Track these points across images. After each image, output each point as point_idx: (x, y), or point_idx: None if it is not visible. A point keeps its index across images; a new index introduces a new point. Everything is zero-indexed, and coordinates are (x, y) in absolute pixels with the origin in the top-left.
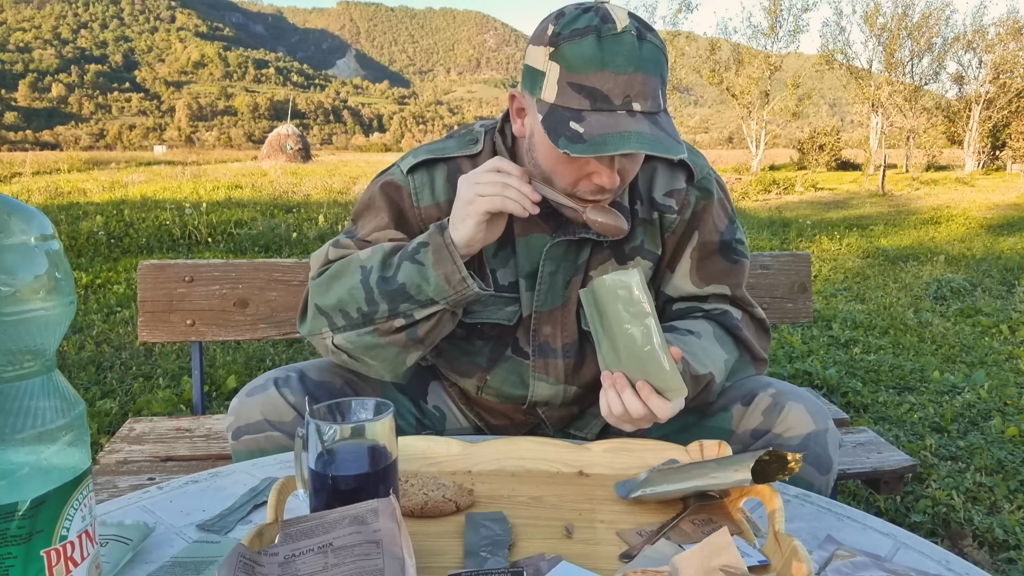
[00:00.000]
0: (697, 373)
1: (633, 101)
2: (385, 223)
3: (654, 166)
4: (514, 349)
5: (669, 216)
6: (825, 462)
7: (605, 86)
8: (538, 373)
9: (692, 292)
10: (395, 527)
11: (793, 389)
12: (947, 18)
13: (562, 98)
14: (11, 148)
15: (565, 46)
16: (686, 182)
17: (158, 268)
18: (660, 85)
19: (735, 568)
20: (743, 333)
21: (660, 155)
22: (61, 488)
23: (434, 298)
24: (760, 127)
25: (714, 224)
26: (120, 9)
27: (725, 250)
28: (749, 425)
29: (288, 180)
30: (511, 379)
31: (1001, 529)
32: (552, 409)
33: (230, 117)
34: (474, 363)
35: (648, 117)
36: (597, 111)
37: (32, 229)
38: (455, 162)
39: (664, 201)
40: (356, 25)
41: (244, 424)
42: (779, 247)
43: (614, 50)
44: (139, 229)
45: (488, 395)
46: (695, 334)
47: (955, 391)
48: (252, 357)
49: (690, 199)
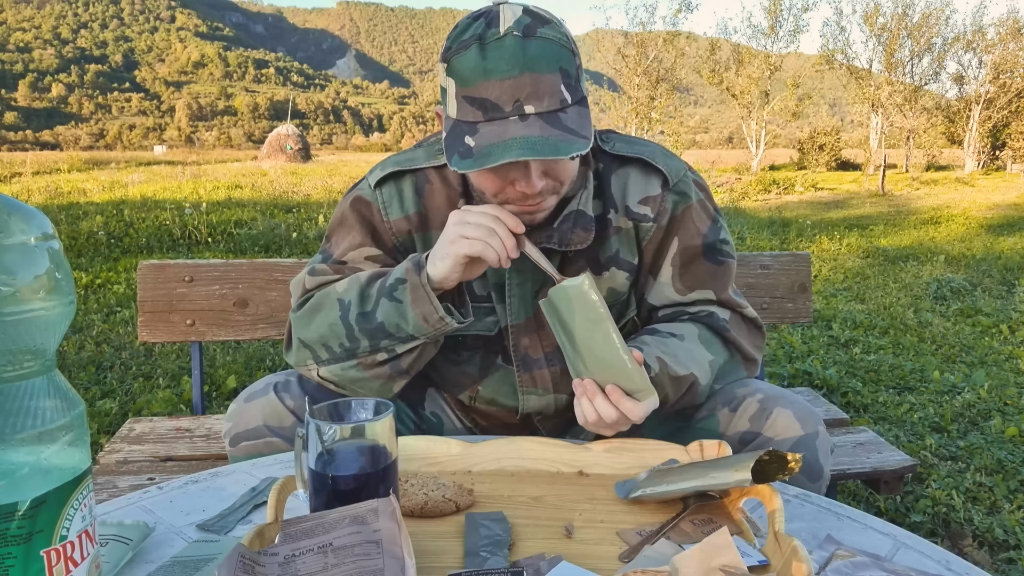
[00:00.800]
0: (676, 374)
1: (525, 104)
2: (359, 241)
3: (627, 172)
4: (504, 358)
5: (645, 224)
6: (816, 470)
7: (493, 94)
8: (525, 386)
9: (676, 300)
10: (395, 527)
11: (782, 393)
12: (947, 18)
13: (461, 112)
14: (11, 148)
15: (454, 60)
16: (661, 187)
17: (158, 268)
18: (561, 80)
19: (735, 568)
20: (731, 334)
21: (547, 159)
22: (61, 488)
23: (414, 335)
24: (760, 127)
25: (695, 228)
26: (120, 9)
27: (709, 252)
28: (736, 431)
29: (288, 180)
30: (503, 389)
31: (1001, 529)
32: (547, 419)
33: (230, 117)
34: (465, 373)
35: (544, 117)
36: (489, 121)
37: (32, 229)
38: (423, 173)
39: (639, 209)
40: (356, 25)
41: (243, 430)
42: (779, 247)
43: (496, 56)
44: (139, 229)
45: (481, 404)
46: (677, 336)
47: (955, 391)
48: (252, 357)
49: (667, 205)
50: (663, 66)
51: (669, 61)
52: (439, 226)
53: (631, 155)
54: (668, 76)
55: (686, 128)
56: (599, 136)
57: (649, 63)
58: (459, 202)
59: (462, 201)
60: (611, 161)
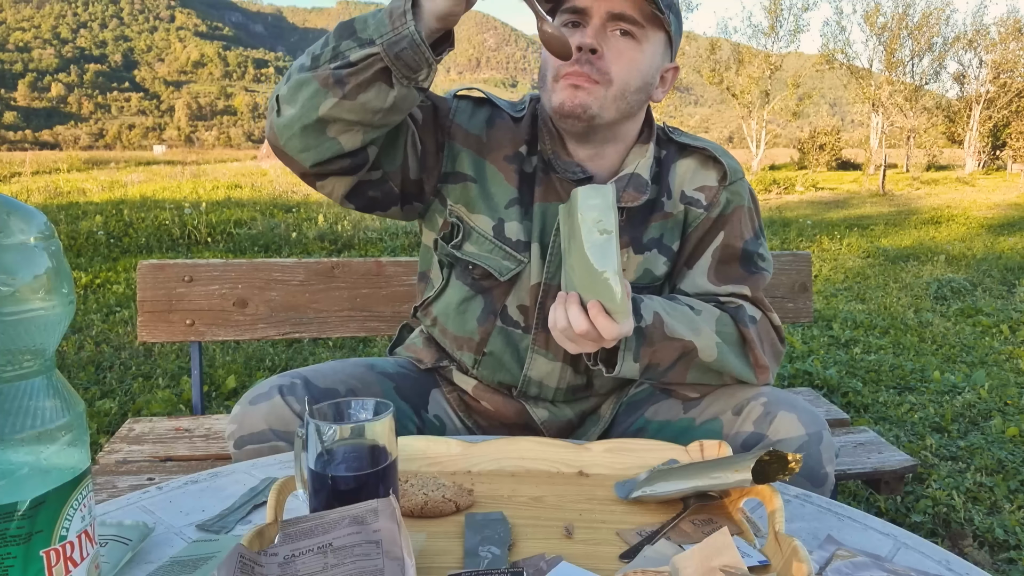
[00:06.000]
0: (673, 335)
1: None
2: None
3: (688, 162)
4: (504, 319)
5: (695, 210)
6: (819, 475)
7: None
8: (538, 347)
9: (709, 290)
10: (395, 527)
11: (786, 397)
12: (947, 18)
13: None
14: (10, 148)
15: None
16: (719, 181)
17: (157, 268)
18: None
19: (735, 568)
20: (750, 332)
21: None
22: (61, 488)
23: (372, 37)
24: (760, 127)
25: (740, 230)
26: (120, 9)
27: (746, 260)
28: (739, 436)
29: (288, 180)
30: (508, 352)
31: (1001, 529)
32: (551, 422)
33: (230, 117)
34: (467, 335)
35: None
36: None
37: (32, 229)
38: (499, 111)
39: (693, 195)
40: None
41: (248, 433)
42: (779, 247)
43: None
44: (139, 229)
45: (485, 372)
46: (693, 309)
47: (955, 391)
48: (252, 357)
49: (720, 198)
50: None
51: None
52: (494, 159)
53: (695, 145)
54: None
55: (686, 128)
56: (666, 128)
57: None
58: (521, 147)
59: (523, 146)
60: (675, 149)
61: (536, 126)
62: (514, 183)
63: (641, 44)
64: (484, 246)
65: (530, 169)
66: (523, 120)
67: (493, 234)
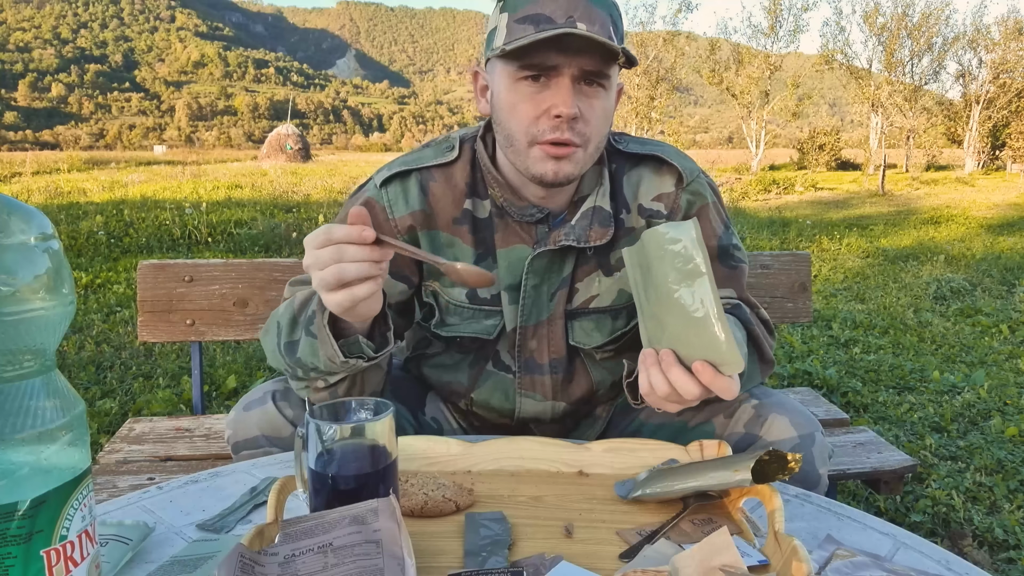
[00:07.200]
0: None
1: (577, 21)
2: None
3: (640, 171)
4: (495, 363)
5: (657, 221)
6: (812, 478)
7: (546, 9)
8: (524, 390)
9: None
10: (395, 527)
11: (777, 399)
12: (947, 18)
13: (510, 36)
14: (11, 148)
15: None
16: (675, 185)
17: (158, 268)
18: (609, 21)
19: (735, 568)
20: (755, 329)
21: (601, 39)
22: (61, 488)
23: (334, 372)
24: (760, 127)
25: (711, 228)
26: (120, 9)
27: (723, 256)
28: (731, 438)
29: (288, 180)
30: (496, 395)
31: (1001, 529)
32: (543, 424)
33: (230, 117)
34: (457, 380)
35: (594, 33)
36: (540, 32)
37: (32, 229)
38: (428, 171)
39: (651, 206)
40: (356, 25)
41: (242, 439)
42: (779, 247)
43: None
44: (139, 229)
45: (478, 410)
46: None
47: (955, 391)
48: (252, 357)
49: (680, 202)
50: (663, 66)
51: (669, 61)
52: (444, 225)
53: (644, 153)
54: (668, 76)
55: (686, 128)
56: (612, 137)
57: (649, 63)
58: (464, 201)
59: (467, 200)
60: (624, 161)
61: (476, 170)
62: (470, 243)
63: (608, 91)
64: (464, 314)
65: (484, 214)
66: (456, 164)
67: (468, 301)
